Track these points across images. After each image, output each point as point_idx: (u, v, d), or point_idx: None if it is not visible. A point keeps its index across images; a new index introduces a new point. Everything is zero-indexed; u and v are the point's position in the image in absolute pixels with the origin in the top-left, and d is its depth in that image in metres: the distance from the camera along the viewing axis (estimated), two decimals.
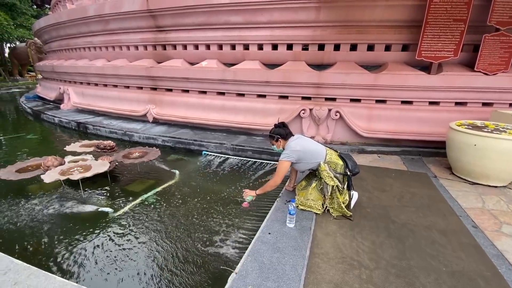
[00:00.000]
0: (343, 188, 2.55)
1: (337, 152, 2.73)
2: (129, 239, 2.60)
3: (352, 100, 4.73)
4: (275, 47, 5.22)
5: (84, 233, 2.68)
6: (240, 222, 2.84)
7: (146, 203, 3.25)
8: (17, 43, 22.72)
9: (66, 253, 2.43)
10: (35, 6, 25.87)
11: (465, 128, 3.33)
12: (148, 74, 6.07)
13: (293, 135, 2.75)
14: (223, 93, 5.62)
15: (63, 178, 3.16)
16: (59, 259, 2.36)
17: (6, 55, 23.76)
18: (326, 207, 2.62)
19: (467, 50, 4.38)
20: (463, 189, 3.20)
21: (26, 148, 5.50)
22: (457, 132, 3.35)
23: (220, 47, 5.63)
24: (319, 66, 5.05)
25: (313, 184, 2.64)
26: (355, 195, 2.72)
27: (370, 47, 4.77)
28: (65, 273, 2.21)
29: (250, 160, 4.59)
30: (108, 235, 2.66)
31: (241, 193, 3.44)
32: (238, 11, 4.96)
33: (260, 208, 3.06)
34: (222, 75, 5.30)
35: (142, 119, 6.45)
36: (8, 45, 24.22)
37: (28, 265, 2.02)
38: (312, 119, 4.89)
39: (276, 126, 2.79)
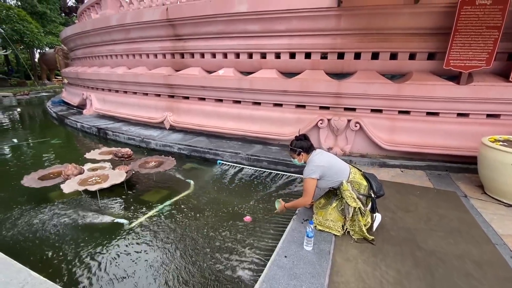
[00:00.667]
0: (366, 210, 2.40)
1: (361, 171, 2.57)
2: (142, 254, 2.57)
3: (373, 110, 4.54)
4: (292, 55, 5.14)
5: (99, 246, 2.68)
6: (254, 241, 2.74)
7: (160, 215, 3.23)
8: (46, 49, 24.04)
9: (80, 266, 2.43)
10: (63, 14, 27.36)
11: (500, 144, 3.07)
12: (166, 82, 6.16)
13: (315, 149, 2.63)
14: (239, 102, 5.58)
15: (81, 188, 3.22)
16: (72, 272, 2.36)
17: (36, 60, 25.20)
18: (347, 228, 2.47)
19: (501, 59, 4.08)
20: (498, 212, 2.94)
21: (51, 152, 5.72)
22: (491, 149, 3.09)
23: (237, 55, 5.61)
24: (338, 75, 4.90)
25: (333, 204, 2.50)
26: (378, 217, 2.55)
27: (393, 56, 4.57)
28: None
29: (265, 171, 4.49)
30: (122, 249, 2.64)
31: (255, 208, 3.36)
32: (256, 19, 4.92)
33: (275, 225, 2.96)
34: (238, 84, 5.26)
35: (160, 126, 6.54)
36: (39, 51, 25.67)
37: (45, 279, 2.02)
38: (330, 130, 4.73)
39: (297, 138, 2.64)
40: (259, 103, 5.38)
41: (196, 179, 4.23)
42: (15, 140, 6.44)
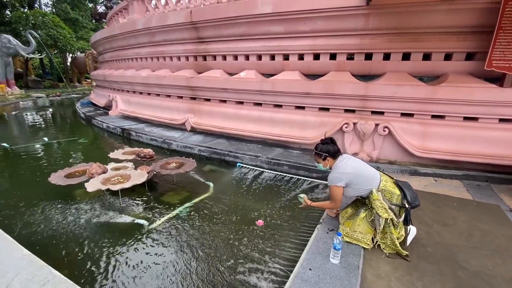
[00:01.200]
0: (399, 221, 2.19)
1: (393, 178, 2.37)
2: (160, 257, 2.52)
3: (403, 114, 4.26)
4: (316, 56, 4.98)
5: (118, 247, 2.66)
6: (275, 249, 2.60)
7: (180, 217, 3.18)
8: (78, 53, 25.45)
9: (99, 265, 2.42)
10: (94, 21, 28.92)
11: None
12: (188, 84, 6.20)
13: (342, 154, 2.46)
14: (260, 104, 5.49)
15: (104, 188, 3.25)
16: (91, 271, 2.36)
17: (68, 64, 26.76)
18: (377, 242, 2.27)
19: None
20: None
21: (78, 151, 5.95)
22: None
23: (259, 57, 5.54)
24: (365, 77, 4.67)
25: (362, 214, 2.31)
26: (412, 230, 2.32)
27: (426, 56, 4.28)
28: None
29: (286, 176, 4.35)
30: (141, 251, 2.61)
31: (275, 214, 3.22)
32: (279, 20, 4.82)
33: (297, 233, 2.81)
34: (260, 86, 5.18)
35: (181, 127, 6.60)
36: (71, 55, 27.22)
37: (65, 278, 2.02)
38: (355, 134, 4.50)
39: (323, 142, 2.47)
40: (280, 106, 5.26)
41: (215, 181, 4.18)
42: (45, 139, 6.77)
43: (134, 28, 7.34)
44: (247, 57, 5.69)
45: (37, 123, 9.60)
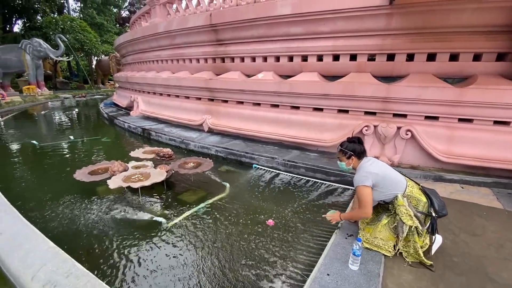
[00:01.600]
0: (423, 230, 2.09)
1: (419, 185, 2.27)
2: (177, 254, 2.55)
3: (427, 117, 4.09)
4: (336, 57, 4.89)
5: (137, 243, 2.72)
6: (291, 252, 2.56)
7: (197, 216, 3.22)
8: (102, 56, 26.62)
9: (117, 260, 2.48)
10: (118, 25, 30.14)
11: None
12: (207, 86, 6.30)
13: (367, 156, 2.39)
14: (277, 106, 5.47)
15: (125, 185, 3.35)
16: (110, 266, 2.42)
17: (93, 66, 28.04)
18: (399, 249, 2.18)
19: None
20: None
21: (101, 149, 6.18)
22: None
23: (277, 59, 5.53)
24: (387, 78, 4.53)
25: (384, 220, 2.23)
26: (438, 239, 2.20)
27: (453, 57, 4.09)
28: (112, 283, 2.24)
29: (302, 178, 4.29)
30: (159, 247, 2.65)
31: (291, 217, 3.18)
32: (299, 21, 4.79)
33: (314, 238, 2.75)
34: (277, 87, 5.16)
35: (199, 128, 6.70)
36: (95, 58, 28.52)
37: (87, 271, 2.10)
38: (376, 137, 4.37)
39: (349, 140, 2.42)
40: (298, 107, 5.21)
41: (231, 182, 4.19)
42: (71, 137, 7.10)
43: (156, 31, 7.57)
44: (265, 59, 5.70)
45: (64, 122, 10.10)
